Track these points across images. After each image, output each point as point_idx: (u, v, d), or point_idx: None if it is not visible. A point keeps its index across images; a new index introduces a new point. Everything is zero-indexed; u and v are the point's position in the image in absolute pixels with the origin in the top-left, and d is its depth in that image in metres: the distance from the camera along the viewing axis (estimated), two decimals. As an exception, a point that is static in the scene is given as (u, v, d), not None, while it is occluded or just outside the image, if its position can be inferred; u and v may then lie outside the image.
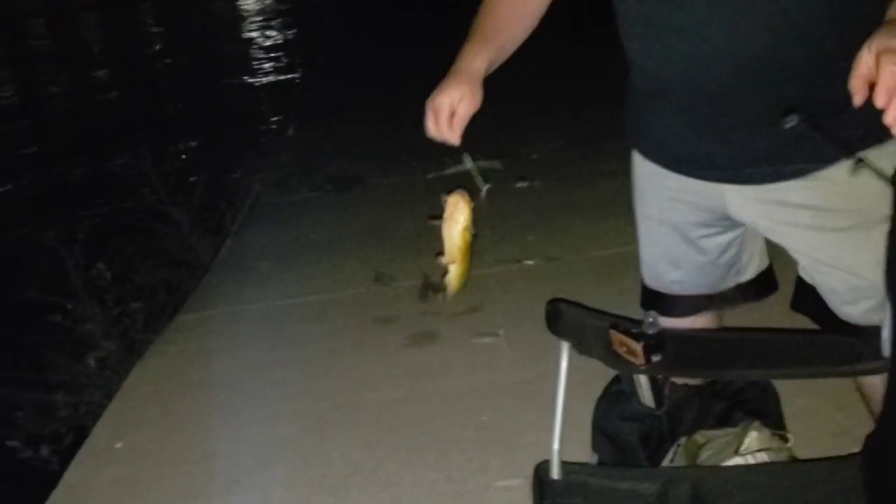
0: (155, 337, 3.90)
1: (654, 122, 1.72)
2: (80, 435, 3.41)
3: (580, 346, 1.63)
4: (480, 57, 1.66)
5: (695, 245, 1.82)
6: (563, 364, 1.64)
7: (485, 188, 1.62)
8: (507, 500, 2.40)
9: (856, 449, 1.54)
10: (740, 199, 1.65)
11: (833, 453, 2.26)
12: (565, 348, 1.64)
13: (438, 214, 1.66)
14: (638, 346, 1.53)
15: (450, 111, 1.60)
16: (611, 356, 1.58)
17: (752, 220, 1.69)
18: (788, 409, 2.18)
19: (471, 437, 2.69)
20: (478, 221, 1.62)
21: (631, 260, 3.71)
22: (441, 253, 1.69)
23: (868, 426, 1.88)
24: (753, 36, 1.46)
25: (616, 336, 1.56)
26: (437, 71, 1.67)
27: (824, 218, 1.57)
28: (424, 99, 1.64)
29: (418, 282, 3.77)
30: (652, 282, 1.98)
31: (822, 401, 2.59)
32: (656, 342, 1.52)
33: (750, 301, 1.92)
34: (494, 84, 1.69)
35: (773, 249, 1.84)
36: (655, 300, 1.95)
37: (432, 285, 1.82)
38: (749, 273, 1.89)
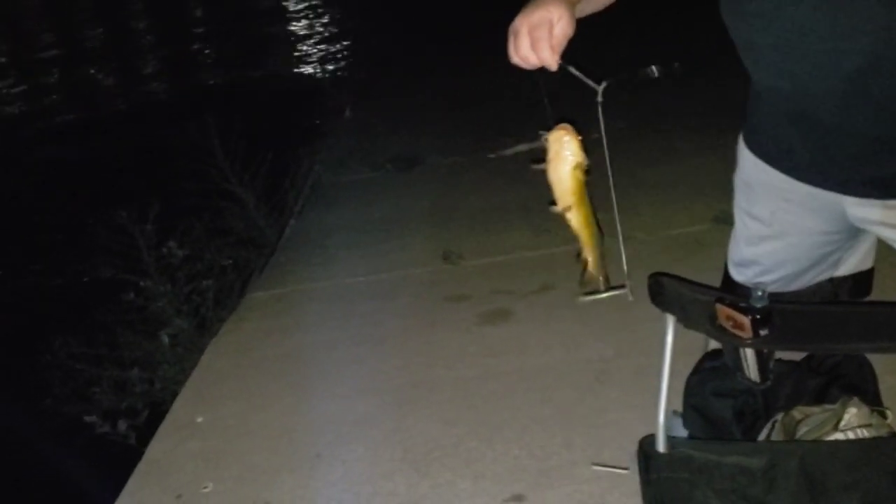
0: (225, 314, 3.96)
1: (768, 123, 1.65)
2: (156, 410, 3.49)
3: (685, 320, 1.61)
4: None
5: (804, 249, 1.77)
6: (669, 338, 1.61)
7: (602, 86, 1.47)
8: (593, 475, 2.40)
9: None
10: (859, 204, 1.57)
11: (925, 432, 2.23)
12: (670, 321, 1.62)
13: (541, 158, 1.47)
14: (746, 320, 1.50)
15: (549, 29, 1.41)
16: (716, 330, 1.56)
17: (874, 227, 1.60)
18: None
19: (552, 415, 2.69)
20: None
21: (703, 238, 3.73)
22: (553, 202, 1.50)
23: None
24: (850, 61, 1.38)
25: (722, 310, 1.54)
26: (494, 50, 1.56)
27: None
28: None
29: (487, 260, 3.81)
30: (740, 277, 1.93)
31: (911, 380, 2.54)
32: (764, 316, 1.50)
33: (841, 297, 1.88)
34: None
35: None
36: (740, 292, 1.91)
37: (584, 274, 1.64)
38: (843, 269, 1.84)
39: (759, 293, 1.52)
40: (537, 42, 1.42)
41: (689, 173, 4.49)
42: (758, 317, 1.49)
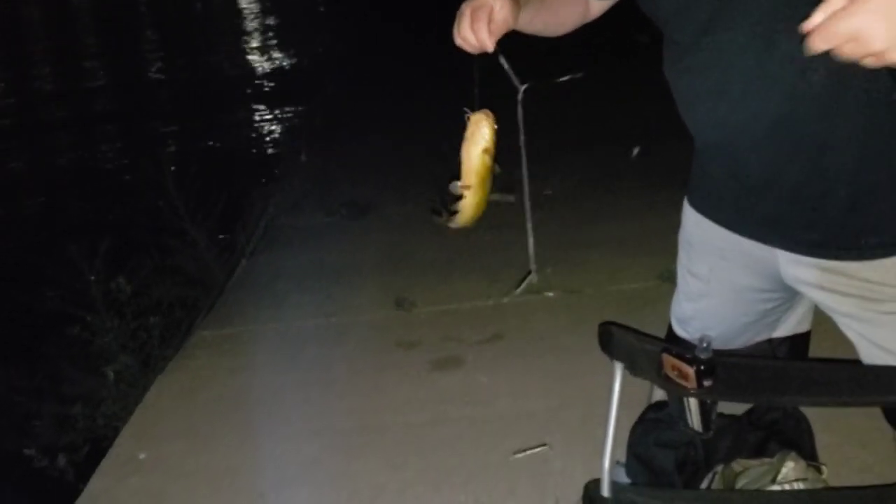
0: (170, 352, 3.93)
1: (708, 177, 1.72)
2: (98, 446, 3.43)
3: (633, 368, 1.66)
4: None
5: (741, 306, 1.82)
6: (617, 385, 1.66)
7: (522, 88, 1.56)
8: (537, 523, 2.42)
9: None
10: (794, 263, 1.62)
11: (859, 490, 2.31)
12: (619, 369, 1.67)
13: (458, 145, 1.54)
14: (690, 371, 1.56)
15: (489, 13, 1.49)
16: (662, 379, 1.61)
17: (806, 288, 1.66)
18: (813, 444, 2.22)
19: (498, 463, 2.71)
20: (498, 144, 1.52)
21: (649, 295, 3.81)
22: (457, 177, 1.56)
23: (891, 464, 1.93)
24: (775, 104, 1.44)
25: (668, 360, 1.59)
26: (449, 102, 1.62)
27: (880, 294, 1.54)
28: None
29: (439, 308, 3.85)
30: (683, 333, 1.99)
31: (845, 437, 2.62)
32: (708, 367, 1.56)
33: (779, 358, 1.94)
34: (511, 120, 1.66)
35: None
36: (682, 345, 1.96)
37: (444, 208, 1.62)
38: (781, 331, 1.90)
39: (704, 345, 1.58)
40: (476, 23, 1.49)
41: (637, 231, 4.58)
42: (702, 368, 1.55)
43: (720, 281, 1.81)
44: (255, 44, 16.38)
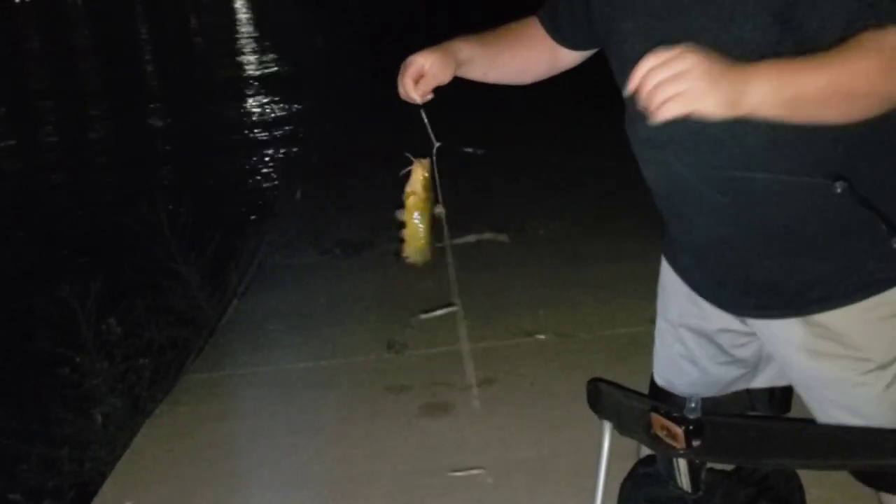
0: (160, 395, 3.90)
1: (670, 230, 1.78)
2: (84, 491, 3.40)
3: (621, 427, 1.65)
4: (469, 47, 1.74)
5: (712, 350, 1.84)
6: (606, 444, 1.65)
7: (436, 145, 1.70)
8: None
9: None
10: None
11: (851, 544, 2.28)
12: (607, 428, 1.66)
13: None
14: (679, 431, 1.54)
15: (419, 70, 1.67)
16: (651, 439, 1.60)
17: (768, 340, 1.70)
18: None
19: (487, 513, 2.69)
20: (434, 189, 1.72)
21: (642, 340, 3.75)
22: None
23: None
24: (712, 161, 1.49)
25: (657, 419, 1.58)
26: (447, 139, 1.72)
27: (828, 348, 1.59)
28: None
29: (431, 351, 3.83)
30: (661, 381, 1.99)
31: (837, 492, 2.59)
32: (697, 427, 1.54)
33: (758, 409, 1.94)
34: (503, 161, 1.73)
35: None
36: (662, 396, 1.97)
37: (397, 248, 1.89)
38: (760, 381, 1.90)
39: (693, 404, 1.57)
40: (403, 77, 1.68)
41: (629, 273, 4.56)
42: (691, 428, 1.54)
43: (690, 326, 1.84)
44: (251, 81, 16.46)
